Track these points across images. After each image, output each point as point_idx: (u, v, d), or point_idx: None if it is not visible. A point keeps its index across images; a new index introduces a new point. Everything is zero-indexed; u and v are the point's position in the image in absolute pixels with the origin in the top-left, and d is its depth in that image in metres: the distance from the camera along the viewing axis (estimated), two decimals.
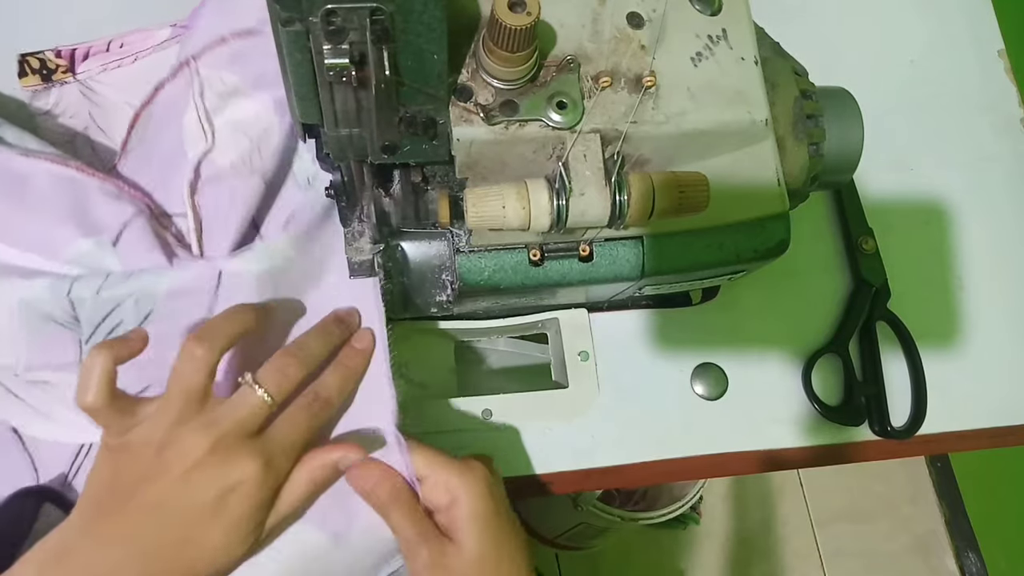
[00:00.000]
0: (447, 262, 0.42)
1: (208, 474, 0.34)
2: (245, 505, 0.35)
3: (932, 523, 1.48)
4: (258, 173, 0.43)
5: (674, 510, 1.03)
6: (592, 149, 0.36)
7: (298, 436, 0.37)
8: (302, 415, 0.37)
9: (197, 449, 0.34)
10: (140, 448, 0.35)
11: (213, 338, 0.35)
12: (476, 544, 0.38)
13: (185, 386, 0.35)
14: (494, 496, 0.40)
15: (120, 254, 0.41)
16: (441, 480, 0.39)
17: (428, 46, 0.31)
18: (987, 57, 0.68)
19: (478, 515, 0.38)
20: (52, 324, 0.39)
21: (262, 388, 0.35)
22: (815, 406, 0.54)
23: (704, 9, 0.40)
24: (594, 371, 0.52)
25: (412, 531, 0.38)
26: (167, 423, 0.35)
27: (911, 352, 0.57)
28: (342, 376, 0.39)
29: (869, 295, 0.57)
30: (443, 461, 0.39)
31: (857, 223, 0.60)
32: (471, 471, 0.39)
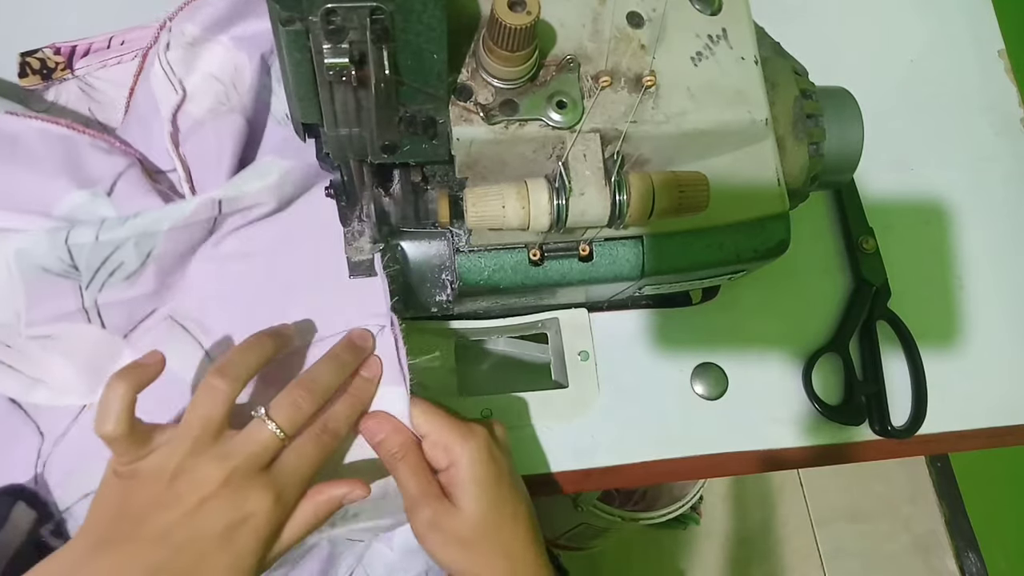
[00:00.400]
0: (447, 262, 0.42)
1: (220, 506, 0.34)
2: (253, 538, 0.35)
3: (932, 523, 1.48)
4: (237, 110, 0.44)
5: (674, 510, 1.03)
6: (592, 149, 0.36)
7: (307, 468, 0.37)
8: (311, 447, 0.37)
9: (211, 481, 0.34)
10: (151, 476, 0.35)
11: (235, 371, 0.36)
12: (475, 507, 0.39)
13: (204, 418, 0.35)
14: (495, 460, 0.40)
15: (115, 203, 0.40)
16: (441, 441, 0.40)
17: (428, 45, 0.31)
18: (987, 57, 0.68)
19: (477, 479, 0.39)
20: (50, 275, 0.39)
21: (274, 422, 0.36)
22: (815, 405, 0.54)
23: (704, 9, 0.40)
24: (594, 371, 0.52)
25: (416, 488, 0.39)
26: (181, 453, 0.35)
27: (911, 351, 0.57)
28: (351, 407, 0.39)
29: (869, 294, 0.57)
30: (445, 422, 0.40)
31: (857, 222, 0.60)
32: (472, 436, 0.40)
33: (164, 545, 0.34)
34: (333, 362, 0.39)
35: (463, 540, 0.39)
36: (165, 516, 0.34)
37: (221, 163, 0.43)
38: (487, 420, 0.43)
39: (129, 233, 0.39)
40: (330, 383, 0.38)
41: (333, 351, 0.40)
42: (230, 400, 0.35)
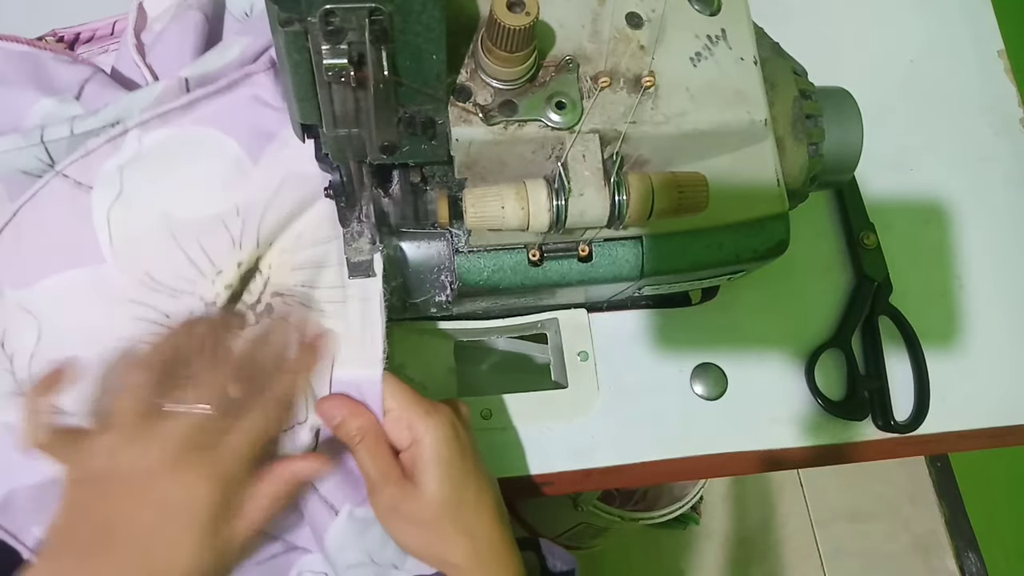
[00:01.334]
0: (446, 262, 0.42)
1: (163, 491, 0.34)
2: (204, 516, 0.34)
3: (932, 523, 1.48)
4: (195, 7, 0.44)
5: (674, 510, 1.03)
6: (591, 149, 0.36)
7: (251, 445, 0.36)
8: (257, 419, 0.37)
9: (151, 468, 0.34)
10: (96, 477, 0.35)
11: (147, 363, 0.36)
12: (436, 487, 0.38)
13: (126, 411, 0.35)
14: (459, 439, 0.40)
15: (85, 105, 0.41)
16: (404, 417, 0.39)
17: (427, 46, 0.31)
18: (987, 57, 0.68)
19: (440, 458, 0.39)
20: (31, 177, 0.38)
21: (202, 403, 0.35)
22: (818, 401, 0.54)
23: (703, 9, 0.40)
24: (594, 371, 0.52)
25: (376, 470, 0.39)
26: (120, 446, 0.35)
27: (913, 345, 0.57)
28: (293, 377, 0.39)
29: (871, 290, 0.58)
30: (409, 399, 0.40)
31: (858, 218, 0.60)
32: (437, 413, 0.40)
33: (123, 536, 0.34)
34: (269, 339, 0.39)
35: (425, 521, 0.38)
36: (117, 508, 0.34)
37: (183, 57, 0.43)
38: (451, 400, 0.43)
39: (102, 122, 0.38)
40: (267, 361, 0.38)
41: (270, 327, 0.40)
42: (154, 387, 0.35)
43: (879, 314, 0.57)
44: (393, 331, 0.48)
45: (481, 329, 0.52)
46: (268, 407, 0.37)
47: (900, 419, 0.55)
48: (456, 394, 0.51)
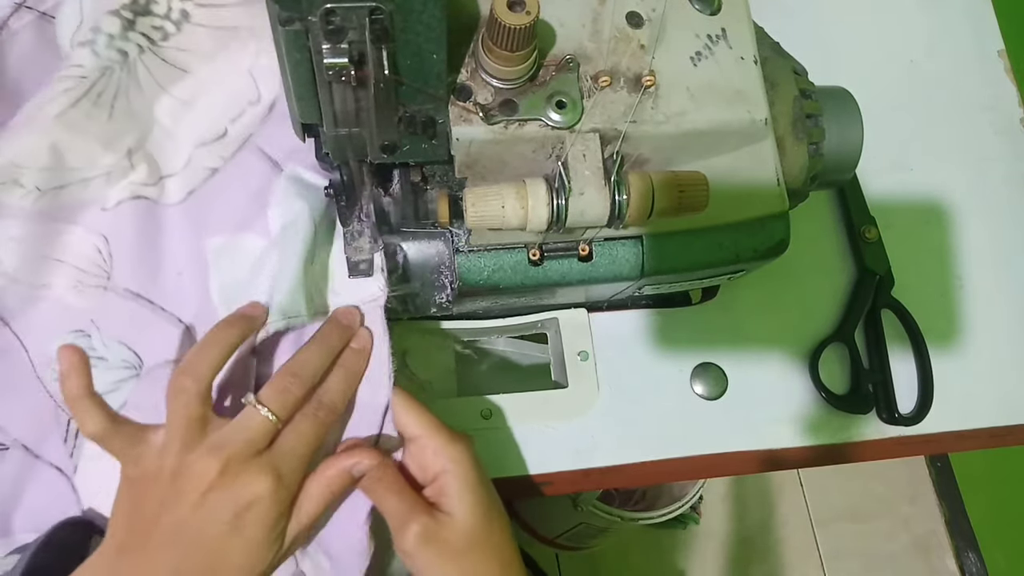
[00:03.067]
0: (446, 262, 0.42)
1: (222, 496, 0.34)
2: (261, 522, 0.35)
3: (932, 523, 1.48)
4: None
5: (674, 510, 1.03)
6: (591, 149, 0.36)
7: (306, 446, 0.37)
8: (308, 424, 0.37)
9: (208, 473, 0.34)
10: (154, 477, 0.35)
11: (197, 369, 0.36)
12: (469, 514, 0.38)
13: (182, 418, 0.35)
14: (482, 466, 0.40)
15: None
16: (431, 444, 0.39)
17: (427, 45, 0.31)
18: (987, 57, 0.68)
19: (471, 484, 0.39)
20: None
21: (266, 408, 0.36)
22: (822, 395, 0.54)
23: (704, 8, 0.40)
24: (594, 371, 0.52)
25: (400, 506, 0.38)
26: (175, 451, 0.35)
27: (916, 337, 0.57)
28: (344, 380, 0.39)
29: (873, 283, 0.58)
30: (436, 425, 0.40)
31: (859, 212, 0.60)
32: (461, 439, 0.40)
33: (178, 543, 0.34)
34: (321, 344, 0.39)
35: (459, 550, 0.38)
36: (173, 515, 0.34)
37: None
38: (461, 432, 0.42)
39: None
40: (319, 365, 0.38)
41: (320, 332, 0.40)
42: (201, 396, 0.35)
43: (881, 307, 0.57)
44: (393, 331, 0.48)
45: (481, 329, 0.52)
46: (321, 411, 0.38)
47: (904, 412, 0.55)
48: (456, 394, 0.51)
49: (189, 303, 0.44)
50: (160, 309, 0.43)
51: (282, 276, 0.40)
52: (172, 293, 0.44)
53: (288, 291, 0.40)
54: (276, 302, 0.39)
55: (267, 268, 0.40)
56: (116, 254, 0.44)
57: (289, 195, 0.42)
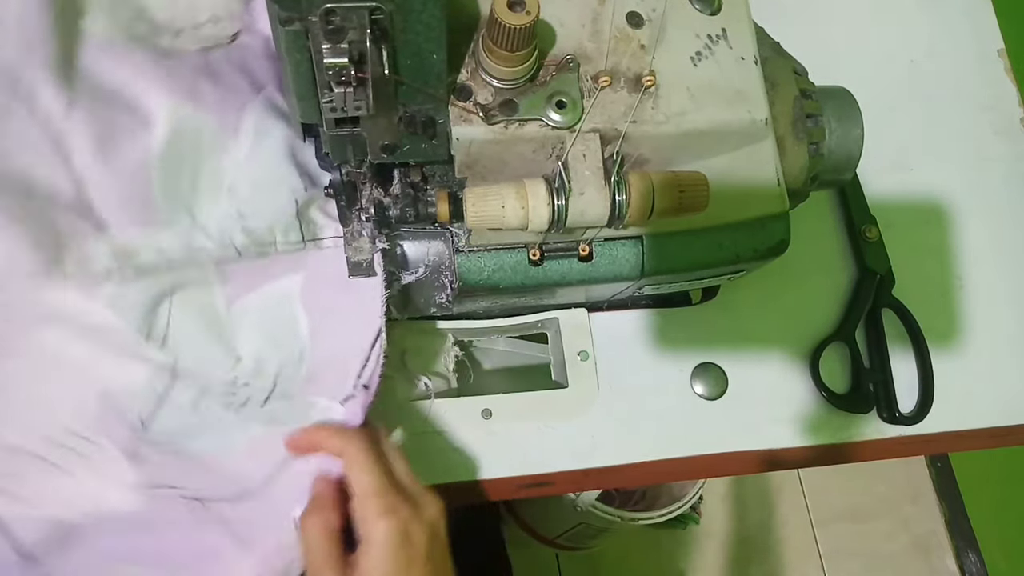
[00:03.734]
0: (446, 262, 0.42)
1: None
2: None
3: (932, 523, 1.48)
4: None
5: (674, 510, 1.03)
6: (591, 149, 0.36)
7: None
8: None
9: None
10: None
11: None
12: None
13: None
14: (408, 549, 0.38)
15: None
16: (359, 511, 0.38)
17: (427, 45, 0.31)
18: (987, 57, 0.68)
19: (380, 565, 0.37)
20: None
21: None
22: (823, 394, 0.54)
23: (704, 9, 0.40)
24: (594, 371, 0.52)
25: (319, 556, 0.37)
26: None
27: (916, 336, 0.57)
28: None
29: (874, 282, 0.58)
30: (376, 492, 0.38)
31: (859, 211, 0.60)
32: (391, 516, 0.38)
33: None
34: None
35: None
36: None
37: None
38: (425, 493, 0.40)
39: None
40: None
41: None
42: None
43: (882, 307, 0.57)
44: (393, 331, 0.48)
45: (481, 329, 0.52)
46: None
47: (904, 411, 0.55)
48: (456, 394, 0.51)
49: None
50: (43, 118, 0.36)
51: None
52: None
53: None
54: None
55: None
56: None
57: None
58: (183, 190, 0.37)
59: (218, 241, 0.38)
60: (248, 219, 0.37)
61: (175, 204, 0.37)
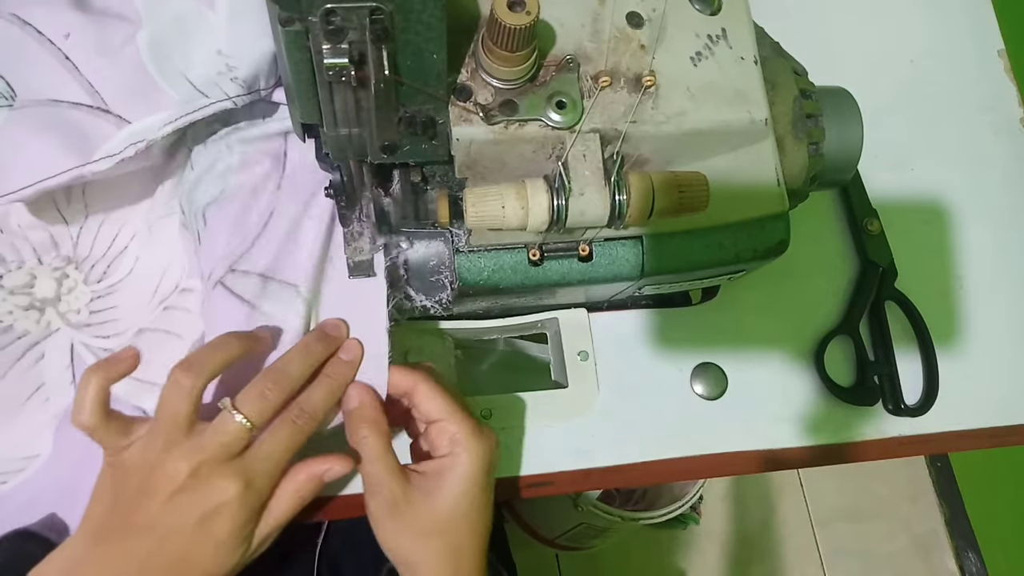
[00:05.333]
0: (446, 262, 0.42)
1: (190, 498, 0.35)
2: (228, 525, 0.36)
3: (932, 523, 1.48)
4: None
5: (674, 510, 1.03)
6: (591, 149, 0.36)
7: (281, 452, 0.37)
8: (285, 431, 0.37)
9: (179, 474, 0.35)
10: (133, 469, 0.36)
11: (200, 367, 0.36)
12: (451, 503, 0.38)
13: (171, 413, 0.36)
14: (490, 471, 0.40)
15: None
16: (451, 429, 0.39)
17: (427, 45, 0.31)
18: (987, 57, 0.68)
19: (470, 479, 0.39)
20: None
21: (240, 414, 0.36)
22: (828, 388, 0.54)
23: (704, 9, 0.40)
24: (594, 371, 0.52)
25: (383, 469, 0.38)
26: (156, 447, 0.36)
27: (919, 328, 0.57)
28: (327, 390, 0.39)
29: (877, 274, 0.58)
30: (461, 414, 0.40)
31: (861, 205, 0.60)
32: (483, 436, 0.40)
33: (150, 536, 0.35)
34: (302, 352, 0.39)
35: (419, 531, 0.38)
36: (144, 511, 0.35)
37: None
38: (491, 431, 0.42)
39: None
40: (299, 373, 0.38)
41: (303, 341, 0.40)
42: (195, 394, 0.36)
43: (885, 299, 0.57)
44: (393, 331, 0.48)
45: (481, 329, 0.52)
46: (301, 418, 0.38)
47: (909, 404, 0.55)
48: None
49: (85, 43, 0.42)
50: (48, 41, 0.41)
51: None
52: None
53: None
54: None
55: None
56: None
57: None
58: (177, 64, 0.41)
59: (213, 96, 0.41)
60: (236, 70, 0.40)
61: (174, 78, 0.41)
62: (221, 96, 0.40)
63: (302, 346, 0.39)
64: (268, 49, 0.40)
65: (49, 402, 0.44)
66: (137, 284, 0.47)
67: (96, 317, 0.46)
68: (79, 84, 0.41)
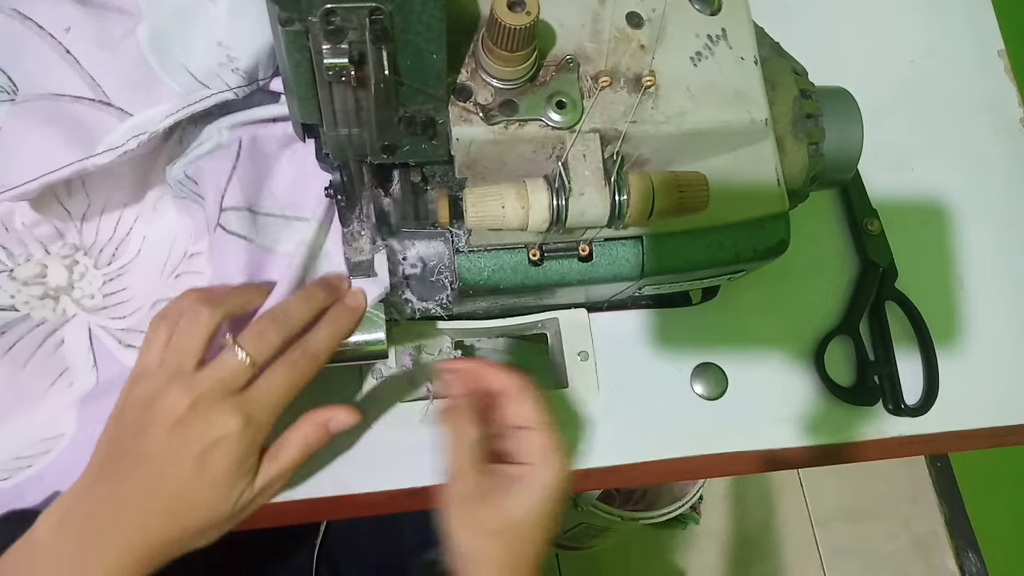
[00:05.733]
0: (446, 262, 0.42)
1: (190, 431, 0.35)
2: (227, 459, 0.36)
3: (932, 523, 1.48)
4: None
5: (674, 510, 1.03)
6: (591, 149, 0.36)
7: (281, 391, 0.37)
8: (284, 370, 0.37)
9: (178, 407, 0.35)
10: (135, 405, 0.37)
11: (219, 305, 0.37)
12: (524, 508, 0.39)
13: (184, 347, 0.36)
14: (563, 489, 0.41)
15: None
16: (540, 440, 0.40)
17: (427, 45, 0.31)
18: (987, 57, 0.68)
19: (546, 488, 0.39)
20: None
21: (243, 351, 0.36)
22: (828, 388, 0.54)
23: (704, 9, 0.40)
24: (594, 371, 0.52)
25: (469, 458, 0.40)
26: (161, 381, 0.36)
27: (920, 328, 0.57)
28: (329, 333, 0.39)
29: (877, 274, 0.58)
30: (553, 428, 0.41)
31: (861, 205, 0.60)
32: (566, 457, 0.41)
33: (149, 469, 0.35)
34: (305, 296, 0.40)
35: (491, 528, 0.39)
36: (146, 441, 0.36)
37: None
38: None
39: None
40: (299, 316, 0.39)
41: (307, 288, 0.40)
42: (210, 331, 0.36)
43: (886, 299, 0.57)
44: (393, 331, 0.48)
45: (481, 329, 0.52)
46: (302, 359, 0.38)
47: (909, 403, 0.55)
48: None
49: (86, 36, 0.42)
50: (49, 36, 0.41)
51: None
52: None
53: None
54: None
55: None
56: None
57: None
58: (178, 56, 0.41)
59: (214, 86, 0.41)
60: (237, 61, 0.40)
61: (175, 69, 0.41)
62: (222, 87, 0.41)
63: (303, 292, 0.40)
64: (268, 40, 0.40)
65: (73, 387, 0.45)
66: (147, 262, 0.47)
67: (110, 299, 0.46)
68: (80, 78, 0.41)
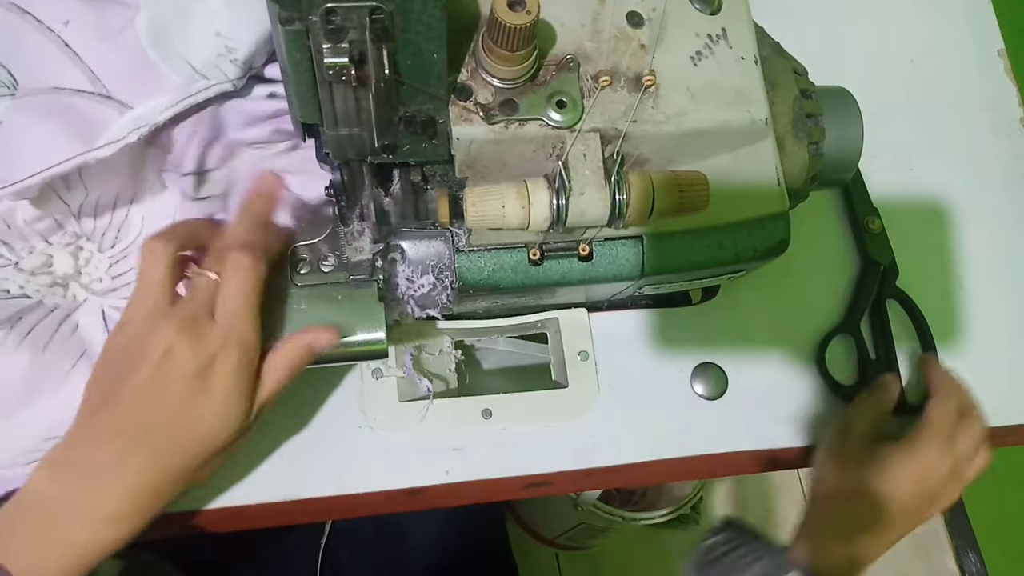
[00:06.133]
0: (446, 262, 0.42)
1: (181, 355, 0.36)
2: (224, 375, 0.36)
3: (932, 523, 1.48)
4: None
5: (674, 510, 1.03)
6: (592, 148, 0.36)
7: (241, 289, 0.37)
8: (232, 271, 0.38)
9: (164, 338, 0.36)
10: (121, 347, 0.37)
11: (170, 236, 0.38)
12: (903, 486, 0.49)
13: (149, 278, 0.37)
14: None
15: None
16: (956, 404, 0.50)
17: (427, 45, 0.31)
18: (987, 57, 0.68)
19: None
20: None
21: (211, 272, 0.37)
22: (829, 387, 0.54)
23: (704, 8, 0.40)
24: (594, 371, 0.52)
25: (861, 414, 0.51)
26: (142, 316, 0.37)
27: (921, 326, 0.57)
28: (246, 224, 0.40)
29: (878, 273, 0.58)
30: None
31: (862, 204, 0.60)
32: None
33: (146, 402, 0.36)
34: (243, 211, 0.40)
35: (856, 491, 0.47)
36: (139, 376, 0.36)
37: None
38: None
39: None
40: (248, 227, 0.39)
41: (243, 203, 0.40)
42: (169, 258, 0.37)
43: (887, 297, 0.57)
44: (393, 331, 0.48)
45: (481, 329, 0.52)
46: (242, 255, 0.38)
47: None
48: (456, 394, 0.51)
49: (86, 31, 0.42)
50: (47, 29, 0.41)
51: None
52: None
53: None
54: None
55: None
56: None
57: None
58: (177, 47, 0.41)
59: (212, 77, 0.41)
60: (236, 52, 0.40)
61: (174, 61, 0.41)
62: (221, 78, 0.41)
63: (242, 207, 0.40)
64: (266, 30, 0.40)
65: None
66: None
67: (119, 280, 0.46)
68: (80, 71, 0.41)
